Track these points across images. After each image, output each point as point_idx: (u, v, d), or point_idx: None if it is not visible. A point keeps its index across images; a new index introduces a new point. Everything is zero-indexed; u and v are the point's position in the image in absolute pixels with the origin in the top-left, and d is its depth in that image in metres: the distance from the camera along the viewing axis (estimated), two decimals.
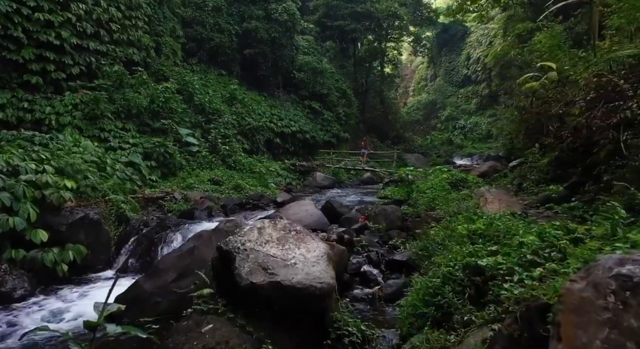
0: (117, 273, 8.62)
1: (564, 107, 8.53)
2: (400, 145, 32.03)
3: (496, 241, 4.82)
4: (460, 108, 48.39)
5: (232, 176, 15.57)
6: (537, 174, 10.54)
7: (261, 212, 11.22)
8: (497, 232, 4.95)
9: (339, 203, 9.99)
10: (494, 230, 5.02)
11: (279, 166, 19.17)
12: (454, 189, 11.09)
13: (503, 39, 33.52)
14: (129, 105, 14.80)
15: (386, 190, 14.14)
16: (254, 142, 20.17)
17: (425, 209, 9.14)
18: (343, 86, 28.12)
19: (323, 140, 24.89)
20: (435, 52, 51.73)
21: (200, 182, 14.14)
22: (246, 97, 21.45)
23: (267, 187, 15.65)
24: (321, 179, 18.39)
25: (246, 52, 22.66)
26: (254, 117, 20.70)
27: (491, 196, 8.01)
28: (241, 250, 5.12)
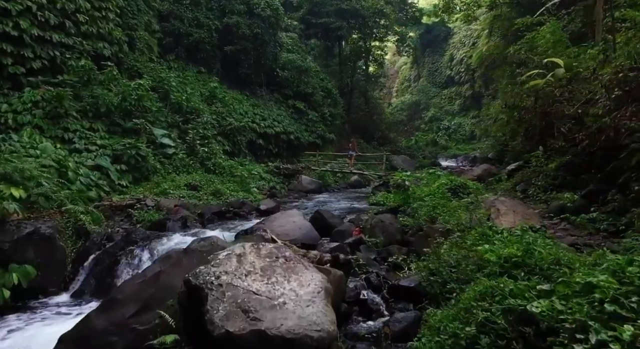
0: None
1: (582, 107, 7.60)
2: (387, 146, 31.13)
3: (543, 274, 3.78)
4: (444, 109, 47.95)
5: (212, 180, 14.32)
6: (544, 179, 9.64)
7: (243, 222, 10.04)
8: (542, 263, 3.90)
9: (329, 213, 8.88)
10: (537, 259, 3.97)
11: (262, 169, 17.97)
12: (454, 196, 10.09)
13: (488, 39, 32.98)
14: (98, 103, 13.43)
15: (377, 195, 13.10)
16: (236, 143, 18.91)
17: (426, 220, 8.10)
18: (328, 85, 27.04)
19: (308, 141, 23.75)
20: (418, 52, 51.19)
21: (175, 188, 12.86)
22: (227, 96, 20.17)
23: (249, 192, 14.44)
24: (307, 183, 17.25)
25: (227, 48, 21.37)
26: (235, 117, 19.44)
27: (504, 206, 7.02)
28: (215, 286, 3.96)
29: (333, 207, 12.46)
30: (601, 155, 7.36)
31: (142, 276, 5.69)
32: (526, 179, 10.60)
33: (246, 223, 9.91)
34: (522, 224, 6.59)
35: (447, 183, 10.56)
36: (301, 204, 13.25)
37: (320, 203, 13.68)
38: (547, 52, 10.67)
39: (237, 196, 13.38)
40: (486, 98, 43.09)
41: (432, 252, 5.97)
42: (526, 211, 6.92)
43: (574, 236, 6.63)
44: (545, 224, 6.85)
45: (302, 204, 13.38)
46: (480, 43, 41.63)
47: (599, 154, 7.43)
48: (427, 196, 9.93)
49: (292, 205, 13.01)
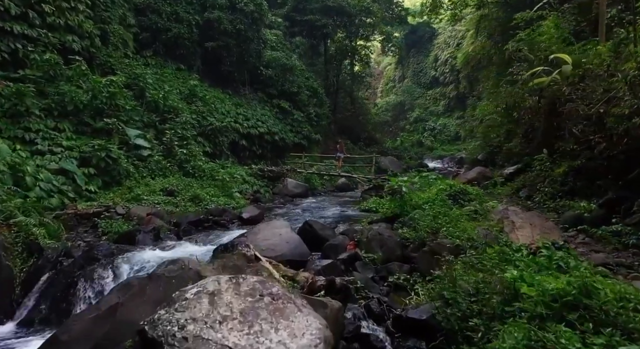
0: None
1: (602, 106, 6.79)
2: (373, 147, 30.29)
3: (610, 322, 2.86)
4: (429, 110, 47.51)
5: (190, 184, 13.18)
6: (550, 185, 8.82)
7: (223, 233, 8.96)
8: (608, 305, 2.98)
9: (320, 224, 7.88)
10: (601, 299, 3.04)
11: (245, 172, 16.87)
12: (454, 203, 9.23)
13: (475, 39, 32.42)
14: (64, 100, 12.21)
15: (369, 201, 12.18)
16: (217, 144, 17.77)
17: (428, 232, 7.18)
18: (314, 85, 26.04)
19: (293, 142, 22.71)
20: (403, 53, 50.62)
21: (150, 193, 11.72)
22: (208, 95, 19.01)
23: (231, 197, 13.35)
24: (293, 187, 16.22)
25: (208, 45, 20.19)
26: (216, 117, 18.29)
27: (519, 218, 6.15)
28: (178, 340, 2.95)
29: (322, 214, 11.47)
30: (623, 159, 6.55)
31: (96, 310, 4.63)
32: (529, 184, 9.79)
33: (227, 234, 8.84)
34: (542, 239, 5.73)
35: (445, 189, 9.68)
36: (287, 211, 12.23)
37: (307, 209, 12.68)
38: (550, 48, 9.89)
39: (217, 202, 12.29)
40: (471, 99, 42.78)
41: (445, 275, 5.05)
42: (544, 224, 6.05)
43: (599, 253, 5.79)
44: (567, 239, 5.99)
45: (288, 210, 12.36)
46: (465, 43, 41.24)
47: (620, 158, 6.62)
48: (425, 203, 9.04)
49: (278, 212, 11.99)
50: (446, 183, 10.13)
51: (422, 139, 41.49)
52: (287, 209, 12.72)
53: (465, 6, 28.47)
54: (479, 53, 33.26)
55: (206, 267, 5.17)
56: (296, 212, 12.04)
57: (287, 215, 11.36)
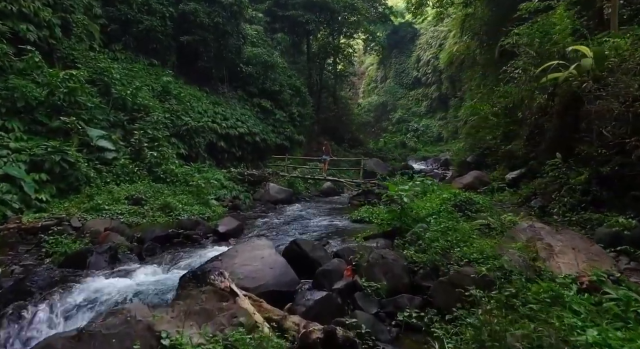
0: None
1: None
2: (357, 148, 29.12)
3: None
4: (411, 110, 46.71)
5: (160, 191, 11.66)
6: (569, 194, 7.68)
7: (194, 252, 7.52)
8: None
9: (310, 244, 6.51)
10: None
11: (223, 176, 15.38)
12: (462, 215, 8.03)
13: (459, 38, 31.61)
14: (13, 96, 10.53)
15: (361, 210, 10.88)
16: (193, 146, 16.23)
17: (440, 253, 5.93)
18: (297, 83, 24.65)
19: (275, 143, 21.28)
20: (385, 53, 49.72)
21: (113, 202, 10.18)
22: (183, 92, 17.43)
23: (207, 205, 11.88)
24: (275, 192, 14.81)
25: (183, 39, 18.59)
26: (192, 116, 16.74)
27: (557, 241, 4.95)
28: None
29: (309, 225, 10.12)
30: None
31: None
32: (541, 191, 8.65)
33: (199, 253, 7.41)
34: (591, 269, 4.53)
35: (450, 198, 8.46)
36: (270, 221, 10.83)
37: (292, 218, 11.31)
38: (564, 40, 8.79)
39: (191, 211, 10.82)
40: (453, 100, 42.11)
41: (480, 322, 3.78)
42: (590, 248, 4.86)
43: None
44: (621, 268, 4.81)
45: (270, 220, 10.96)
46: (448, 44, 40.51)
47: None
48: (429, 215, 7.81)
49: (259, 222, 10.58)
50: (450, 191, 8.91)
51: (406, 140, 40.57)
52: (269, 218, 11.32)
53: (452, 4, 27.55)
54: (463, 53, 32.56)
55: (162, 317, 3.78)
56: (280, 222, 10.66)
57: (270, 226, 9.98)
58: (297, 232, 9.03)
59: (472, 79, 32.71)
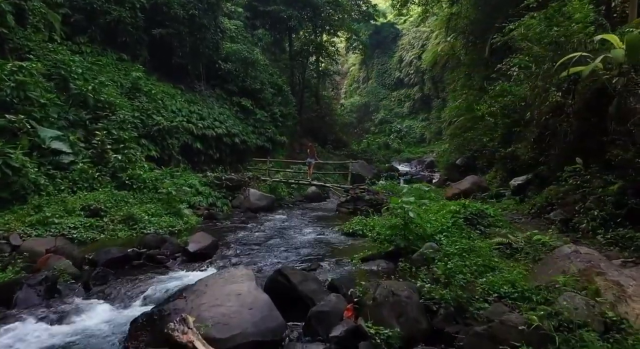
0: None
1: None
2: (341, 150, 27.88)
3: None
4: (394, 111, 45.83)
5: (125, 200, 10.14)
6: (598, 206, 6.56)
7: (156, 279, 6.07)
8: None
9: (299, 275, 5.12)
10: None
11: (198, 181, 13.88)
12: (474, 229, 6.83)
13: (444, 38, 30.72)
14: None
15: (352, 222, 9.57)
16: (165, 148, 14.66)
17: (464, 287, 4.69)
18: (279, 81, 23.21)
19: (256, 145, 19.80)
20: (367, 53, 48.72)
21: (65, 214, 8.63)
22: (155, 89, 15.82)
23: (178, 215, 10.41)
24: (256, 199, 13.37)
25: (156, 32, 16.97)
26: (165, 115, 15.17)
27: (628, 279, 3.74)
28: None
29: (294, 240, 8.74)
30: None
31: None
32: (559, 201, 7.53)
33: (163, 281, 5.98)
34: None
35: (459, 210, 7.24)
36: (249, 234, 9.39)
37: (275, 231, 9.90)
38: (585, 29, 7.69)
39: (159, 224, 9.34)
40: (436, 101, 41.36)
41: None
42: None
43: None
44: None
45: (250, 233, 9.52)
46: (431, 44, 39.72)
47: None
48: (438, 231, 6.57)
49: (237, 236, 9.12)
50: (459, 204, 7.67)
51: (389, 141, 39.58)
52: (248, 230, 9.88)
53: (438, 1, 26.58)
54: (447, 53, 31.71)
55: None
56: (261, 236, 9.24)
57: (249, 242, 8.56)
58: (282, 250, 7.66)
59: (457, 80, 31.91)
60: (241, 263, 6.84)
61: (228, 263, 6.81)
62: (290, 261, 6.95)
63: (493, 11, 20.56)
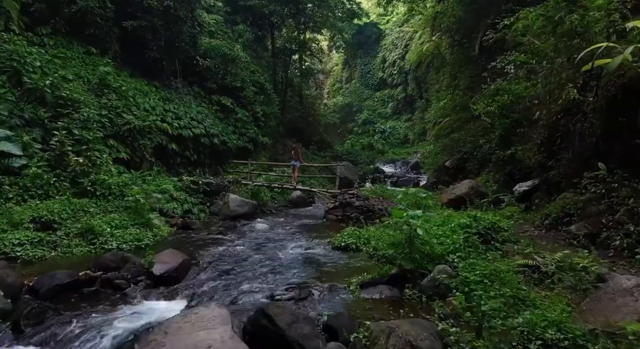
0: None
1: None
2: (326, 151, 26.80)
3: None
4: (377, 112, 45.06)
5: (85, 209, 8.81)
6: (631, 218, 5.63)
7: (109, 317, 4.84)
8: None
9: (287, 314, 3.94)
10: None
11: (173, 185, 12.57)
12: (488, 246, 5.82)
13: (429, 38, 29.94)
14: None
15: (344, 233, 8.46)
16: (136, 149, 13.30)
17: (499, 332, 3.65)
18: (261, 79, 21.94)
19: (237, 146, 18.50)
20: (350, 53, 47.85)
21: (10, 228, 7.28)
22: (126, 86, 14.41)
23: (147, 225, 9.13)
24: (236, 205, 12.14)
25: (127, 24, 15.54)
26: (137, 114, 13.79)
27: None
28: None
29: (279, 256, 7.57)
30: None
31: None
32: (579, 212, 6.59)
33: (115, 317, 4.76)
34: None
35: (469, 223, 6.22)
36: (227, 250, 8.15)
37: (256, 243, 8.71)
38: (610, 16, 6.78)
39: (123, 238, 8.06)
40: (419, 101, 40.70)
41: None
42: None
43: None
44: None
45: (228, 248, 8.27)
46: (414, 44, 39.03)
47: None
48: (450, 251, 5.54)
49: (213, 253, 7.87)
50: (468, 215, 6.65)
51: (373, 142, 38.72)
52: (226, 244, 8.63)
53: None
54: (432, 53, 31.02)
55: None
56: (240, 251, 8.03)
57: (226, 260, 7.35)
58: (264, 271, 6.50)
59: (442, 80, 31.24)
60: (216, 289, 5.67)
61: (199, 290, 5.62)
62: (274, 286, 5.81)
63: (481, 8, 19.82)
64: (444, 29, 25.68)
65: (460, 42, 22.81)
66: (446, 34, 25.65)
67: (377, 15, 48.41)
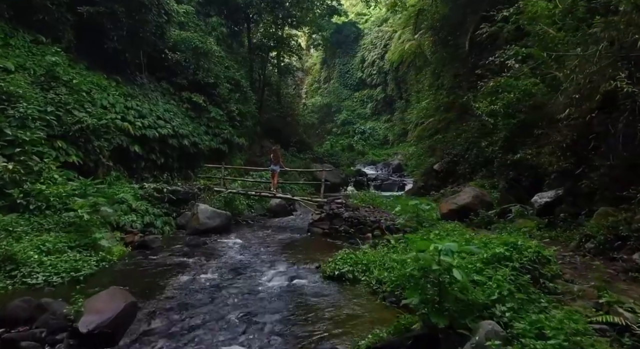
0: None
1: None
2: (306, 153, 25.12)
3: None
4: (356, 112, 43.74)
5: (9, 228, 6.86)
6: None
7: None
8: None
9: None
10: None
11: (133, 194, 10.65)
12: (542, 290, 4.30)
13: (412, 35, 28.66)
14: None
15: (336, 258, 6.74)
16: (91, 152, 11.29)
17: None
18: (236, 76, 20.06)
19: (210, 147, 16.59)
20: (329, 52, 46.33)
21: None
22: (79, 79, 12.36)
23: (92, 248, 7.25)
24: (206, 217, 10.30)
25: (83, 10, 13.45)
26: (91, 111, 11.78)
27: None
28: None
29: (256, 290, 5.83)
30: None
31: None
32: (636, 236, 5.17)
33: None
34: None
35: (508, 255, 4.66)
36: (190, 280, 6.30)
37: (228, 270, 6.92)
38: None
39: (55, 267, 6.18)
40: (399, 101, 39.53)
41: None
42: None
43: None
44: None
45: (192, 277, 6.44)
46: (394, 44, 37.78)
47: None
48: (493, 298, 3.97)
49: (171, 286, 6.02)
50: (504, 241, 5.08)
51: (353, 143, 37.29)
52: (190, 272, 6.75)
53: None
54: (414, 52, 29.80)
55: None
56: (206, 281, 6.24)
57: (187, 299, 5.57)
58: (236, 321, 4.77)
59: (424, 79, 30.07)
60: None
61: None
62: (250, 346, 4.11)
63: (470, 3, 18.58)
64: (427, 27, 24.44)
65: (445, 40, 21.57)
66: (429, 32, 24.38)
67: (355, 15, 47.14)
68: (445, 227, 7.66)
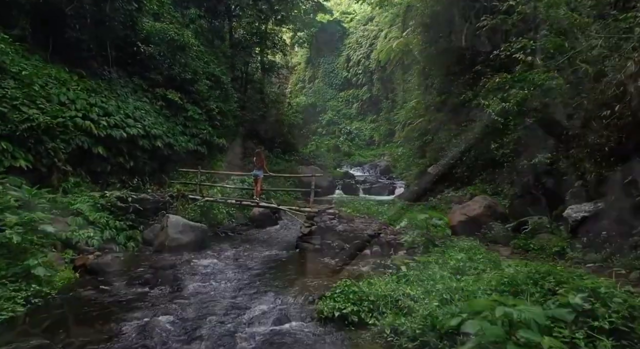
0: None
1: None
2: (292, 155, 23.59)
3: None
4: (342, 112, 42.46)
5: None
6: None
7: None
8: None
9: None
10: None
11: (91, 204, 9.00)
12: None
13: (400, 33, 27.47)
14: None
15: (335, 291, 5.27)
16: (43, 155, 9.59)
17: None
18: (217, 72, 18.38)
19: (186, 149, 14.92)
20: (313, 52, 44.88)
21: None
22: (31, 71, 10.59)
23: (24, 278, 5.63)
24: (177, 231, 8.69)
25: None
26: (45, 108, 10.05)
27: None
28: None
29: (229, 339, 4.36)
30: None
31: None
32: None
33: None
34: None
35: (591, 307, 3.29)
36: (147, 325, 4.71)
37: (198, 308, 5.36)
38: None
39: None
40: (385, 101, 38.37)
41: None
42: None
43: None
44: None
45: (151, 320, 4.84)
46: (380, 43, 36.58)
47: None
48: None
49: (117, 340, 4.49)
50: (535, 267, 3.71)
51: (339, 143, 35.94)
52: (148, 314, 5.14)
53: None
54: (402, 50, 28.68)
55: None
56: (170, 332, 4.70)
57: None
58: None
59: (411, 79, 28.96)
60: None
61: None
62: None
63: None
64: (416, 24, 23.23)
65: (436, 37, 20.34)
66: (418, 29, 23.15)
67: (340, 14, 45.83)
68: (461, 245, 6.31)
